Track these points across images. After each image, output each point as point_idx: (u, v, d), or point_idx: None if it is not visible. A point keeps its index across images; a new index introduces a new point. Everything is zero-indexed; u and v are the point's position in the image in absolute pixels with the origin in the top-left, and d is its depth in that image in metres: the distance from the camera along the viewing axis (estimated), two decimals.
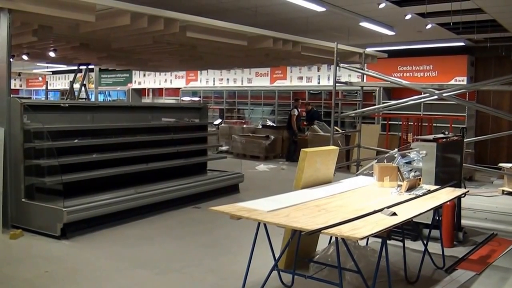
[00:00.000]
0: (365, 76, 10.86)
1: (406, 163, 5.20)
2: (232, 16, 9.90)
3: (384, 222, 3.41)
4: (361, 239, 3.14)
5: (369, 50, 11.84)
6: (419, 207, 4.03)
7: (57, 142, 6.37)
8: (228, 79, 19.94)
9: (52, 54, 11.43)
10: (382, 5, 9.33)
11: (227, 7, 10.12)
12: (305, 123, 14.43)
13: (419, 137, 6.66)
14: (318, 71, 16.99)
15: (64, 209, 5.76)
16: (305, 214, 3.55)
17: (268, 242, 4.06)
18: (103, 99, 23.96)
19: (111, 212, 6.43)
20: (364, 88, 10.97)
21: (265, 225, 3.67)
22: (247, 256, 4.04)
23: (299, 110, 14.20)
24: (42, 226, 5.99)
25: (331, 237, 4.51)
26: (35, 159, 6.27)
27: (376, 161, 5.69)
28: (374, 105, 13.33)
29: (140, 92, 23.93)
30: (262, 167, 12.57)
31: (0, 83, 6.52)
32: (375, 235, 3.19)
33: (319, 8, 9.38)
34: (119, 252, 5.52)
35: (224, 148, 14.84)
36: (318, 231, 3.13)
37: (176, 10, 7.81)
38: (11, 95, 6.49)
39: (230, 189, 8.72)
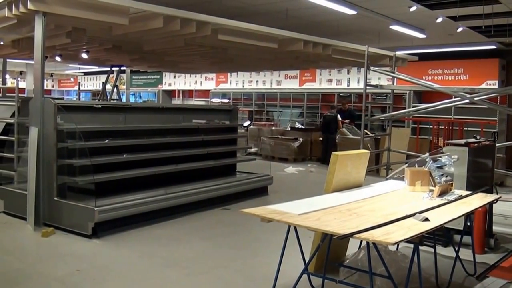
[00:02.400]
0: (395, 79, 10.74)
1: (438, 167, 5.11)
2: (262, 19, 9.94)
3: (417, 227, 3.35)
4: (394, 244, 3.10)
5: (399, 53, 11.72)
6: (451, 212, 3.95)
7: (89, 142, 6.45)
8: (257, 81, 20.00)
9: (84, 55, 11.63)
10: (413, 8, 9.23)
11: (258, 10, 10.16)
12: (346, 121, 14.26)
13: (451, 141, 6.55)
14: (348, 73, 16.89)
15: (95, 208, 5.84)
16: (336, 218, 3.52)
17: (298, 245, 4.04)
18: (134, 100, 24.28)
19: (141, 212, 6.48)
20: (394, 91, 10.85)
21: (295, 228, 3.66)
22: (276, 259, 4.02)
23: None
24: (73, 224, 6.08)
25: (361, 242, 4.46)
26: (68, 159, 6.37)
27: (406, 165, 5.61)
28: (404, 108, 13.17)
29: (170, 93, 24.18)
30: (290, 169, 12.55)
31: (35, 84, 6.69)
32: (407, 240, 3.14)
33: (350, 11, 9.34)
34: (149, 252, 5.56)
35: (252, 150, 14.87)
36: (350, 235, 3.10)
37: (208, 13, 7.89)
38: (45, 96, 6.65)
39: (259, 191, 8.71)
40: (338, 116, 13.86)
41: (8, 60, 14.64)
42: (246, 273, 4.95)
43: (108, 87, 15.03)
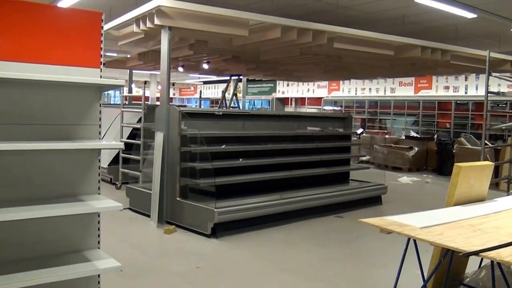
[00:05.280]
0: None
1: None
2: (378, 26, 9.81)
3: None
4: None
5: None
6: None
7: (210, 147, 6.78)
8: (370, 89, 19.70)
9: (205, 66, 12.24)
10: None
11: (374, 17, 10.04)
12: None
13: None
14: (466, 80, 16.11)
15: (215, 210, 6.11)
16: (460, 234, 3.40)
17: (415, 258, 3.95)
18: (249, 108, 24.98)
19: (257, 216, 6.66)
20: None
21: (414, 241, 3.59)
22: (391, 271, 3.98)
23: None
24: (194, 224, 6.42)
25: (481, 260, 4.26)
26: (190, 162, 6.75)
27: None
28: None
29: (283, 101, 24.54)
30: (405, 179, 12.17)
31: (161, 93, 7.18)
32: None
33: (469, 15, 8.93)
34: (265, 254, 5.70)
35: (365, 158, 14.65)
36: (476, 253, 2.99)
37: (324, 22, 7.95)
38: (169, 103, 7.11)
39: (372, 200, 8.57)
40: None
41: (134, 71, 15.81)
42: (362, 284, 4.90)
43: (226, 95, 15.64)
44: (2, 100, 2.94)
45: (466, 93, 16.25)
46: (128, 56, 12.47)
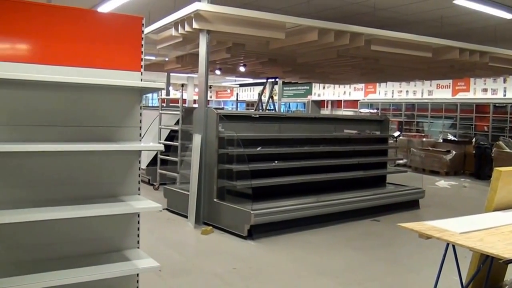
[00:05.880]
0: None
1: None
2: (416, 28, 9.71)
3: None
4: None
5: None
6: None
7: (246, 149, 6.82)
8: (407, 91, 19.43)
9: (242, 69, 12.33)
10: None
11: (412, 19, 9.93)
12: None
13: None
14: (504, 82, 15.71)
15: (252, 212, 6.15)
16: (500, 240, 3.34)
17: (453, 264, 3.89)
18: (284, 111, 24.98)
19: (293, 218, 6.66)
20: None
21: (453, 247, 3.54)
22: (429, 276, 3.94)
23: None
24: (230, 225, 6.48)
25: None
26: (227, 164, 6.81)
27: None
28: None
29: (319, 103, 24.44)
30: (442, 183, 11.97)
31: (199, 95, 7.27)
32: None
33: (508, 16, 8.72)
34: (301, 257, 5.69)
35: (402, 161, 14.47)
36: None
37: (361, 24, 7.92)
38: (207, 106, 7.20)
39: (409, 204, 8.46)
40: None
41: (171, 74, 16.05)
42: None
43: (262, 97, 15.71)
44: (50, 103, 3.06)
45: (504, 95, 15.86)
46: (166, 59, 12.68)
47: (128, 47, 3.31)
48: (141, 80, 3.32)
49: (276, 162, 7.36)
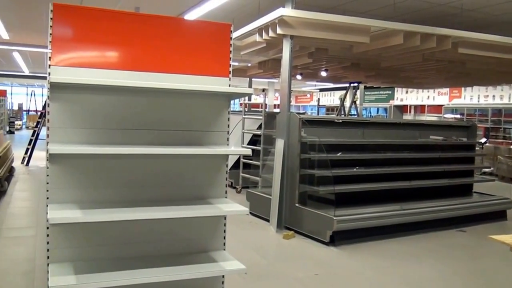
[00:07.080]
0: None
1: None
2: (506, 29, 9.20)
3: None
4: None
5: None
6: None
7: (329, 155, 6.76)
8: (494, 96, 18.47)
9: (323, 73, 12.27)
10: None
11: (501, 19, 9.42)
12: None
13: None
14: None
15: (334, 218, 6.10)
16: None
17: None
18: (365, 116, 24.58)
19: (376, 226, 6.56)
20: None
21: None
22: None
23: None
24: (312, 230, 6.47)
25: None
26: (309, 169, 6.81)
27: None
28: None
29: (402, 108, 23.79)
30: None
31: (281, 100, 7.33)
32: None
33: None
34: (384, 266, 5.58)
35: (488, 170, 13.75)
36: None
37: (447, 26, 7.65)
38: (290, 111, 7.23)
39: (496, 215, 8.03)
40: None
41: (253, 79, 16.27)
42: None
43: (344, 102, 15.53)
44: (143, 108, 3.22)
45: None
46: (249, 65, 12.88)
47: (217, 54, 3.42)
48: (229, 85, 3.41)
49: (356, 168, 7.27)
